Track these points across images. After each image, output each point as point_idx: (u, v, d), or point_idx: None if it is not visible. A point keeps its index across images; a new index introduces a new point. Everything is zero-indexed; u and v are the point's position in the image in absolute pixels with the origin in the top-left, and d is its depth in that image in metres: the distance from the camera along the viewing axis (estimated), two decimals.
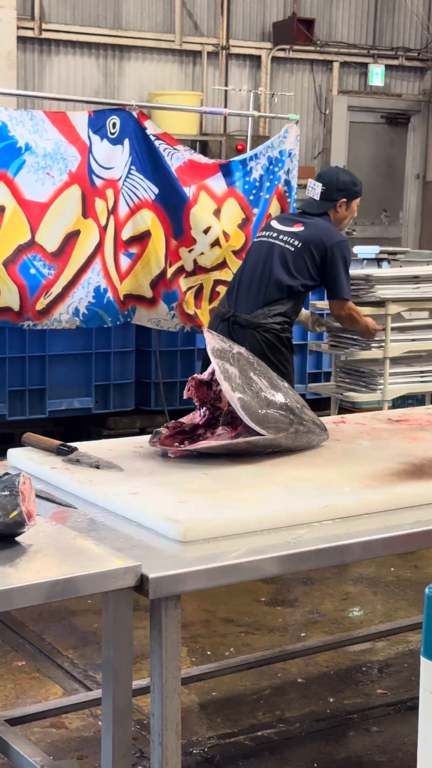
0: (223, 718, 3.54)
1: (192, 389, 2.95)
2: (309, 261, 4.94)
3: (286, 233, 5.01)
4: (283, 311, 4.95)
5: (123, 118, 5.87)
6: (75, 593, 2.08)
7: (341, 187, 5.10)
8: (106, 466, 2.77)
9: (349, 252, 5.09)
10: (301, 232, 5.00)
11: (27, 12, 10.23)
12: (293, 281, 4.94)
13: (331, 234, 5.00)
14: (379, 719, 3.55)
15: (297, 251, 4.95)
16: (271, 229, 5.11)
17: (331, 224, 5.08)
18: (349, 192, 5.13)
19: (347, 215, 5.19)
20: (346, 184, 5.12)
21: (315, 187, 5.11)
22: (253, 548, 2.29)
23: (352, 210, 5.20)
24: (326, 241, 4.95)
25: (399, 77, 12.76)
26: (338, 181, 5.11)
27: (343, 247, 5.01)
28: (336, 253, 4.94)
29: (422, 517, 2.55)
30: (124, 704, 2.22)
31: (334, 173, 5.23)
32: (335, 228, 5.08)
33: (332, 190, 5.09)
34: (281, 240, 5.00)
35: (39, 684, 3.76)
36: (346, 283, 5.04)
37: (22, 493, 2.16)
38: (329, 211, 5.11)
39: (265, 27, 11.68)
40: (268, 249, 5.01)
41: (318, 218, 5.07)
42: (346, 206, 5.13)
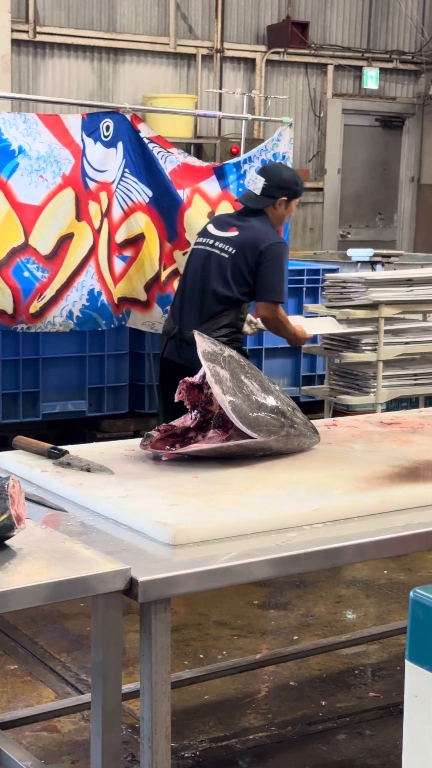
0: (215, 721, 3.54)
1: (183, 392, 2.95)
2: (244, 267, 4.78)
3: (221, 239, 4.86)
4: (227, 322, 4.80)
5: (117, 121, 5.86)
6: (64, 597, 2.08)
7: (283, 185, 4.93)
8: (96, 469, 2.76)
9: (284, 254, 4.90)
10: (235, 237, 4.84)
11: (21, 15, 10.23)
12: (231, 291, 4.78)
13: (266, 236, 4.82)
14: (371, 722, 3.55)
15: (231, 258, 4.79)
16: (207, 235, 4.96)
17: (268, 225, 4.90)
18: (291, 191, 4.96)
19: (285, 214, 5.01)
20: (289, 183, 4.95)
21: (257, 181, 4.95)
22: (243, 551, 2.29)
23: (290, 209, 5.03)
24: (260, 243, 4.77)
25: (393, 80, 12.77)
26: (281, 179, 4.94)
27: (278, 248, 4.83)
28: (269, 255, 4.76)
29: (414, 519, 2.55)
30: (114, 708, 2.22)
31: (278, 170, 5.05)
32: (272, 228, 4.92)
33: (274, 187, 4.90)
34: (217, 248, 4.84)
35: (31, 687, 3.76)
36: (278, 285, 4.84)
37: (12, 497, 2.16)
38: (268, 209, 4.92)
39: (260, 30, 11.69)
40: (204, 258, 4.87)
41: (255, 219, 4.90)
42: (286, 205, 4.94)
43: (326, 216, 12.42)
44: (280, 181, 4.92)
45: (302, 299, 7.24)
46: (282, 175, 4.97)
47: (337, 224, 12.54)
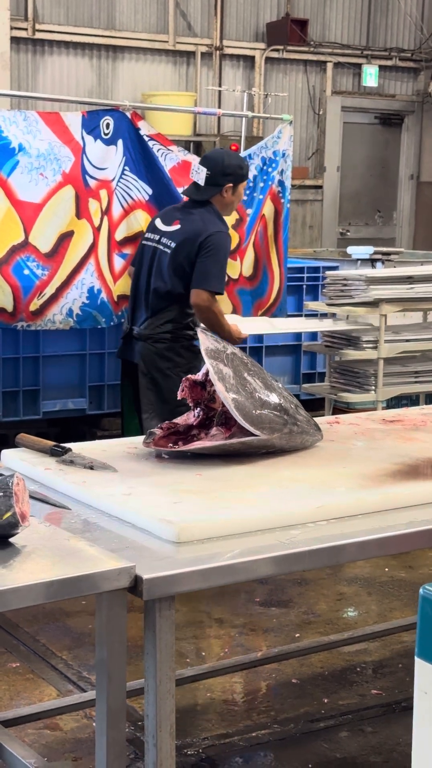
0: (218, 718, 3.54)
1: (186, 390, 2.95)
2: (185, 261, 4.74)
3: (166, 234, 4.84)
4: (171, 318, 4.79)
5: (117, 119, 5.86)
6: (69, 594, 2.08)
7: (228, 171, 4.85)
8: (100, 467, 2.76)
9: (224, 243, 4.80)
10: (177, 231, 4.80)
11: (20, 12, 10.21)
12: (173, 286, 4.77)
13: (208, 225, 4.76)
14: (373, 720, 3.55)
15: (173, 252, 4.76)
16: (154, 231, 4.93)
17: (212, 214, 4.82)
18: (236, 176, 4.88)
19: (234, 200, 4.94)
20: (233, 168, 4.87)
21: (200, 172, 4.88)
22: (247, 549, 2.29)
23: (239, 194, 4.96)
24: (202, 233, 4.72)
25: (393, 78, 12.76)
26: (224, 165, 4.86)
27: (219, 237, 4.75)
28: (207, 244, 4.70)
29: (416, 517, 2.55)
30: (118, 705, 2.21)
31: (220, 156, 4.95)
32: (216, 218, 4.83)
33: (218, 175, 4.84)
34: (162, 243, 4.83)
35: (33, 685, 3.75)
36: (214, 274, 4.73)
37: (16, 494, 2.16)
38: (214, 198, 4.87)
39: (259, 27, 11.67)
40: (150, 255, 4.87)
41: (201, 209, 4.83)
42: (233, 191, 4.88)
43: (325, 213, 12.41)
44: (224, 168, 4.84)
45: (302, 297, 7.24)
46: (224, 161, 4.88)
47: (336, 222, 12.53)
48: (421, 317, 6.60)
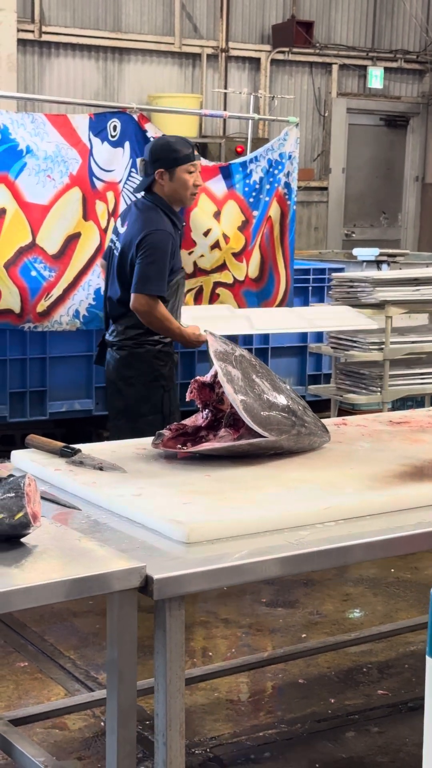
0: (225, 718, 3.56)
1: (195, 391, 2.97)
2: (129, 264, 4.54)
3: (119, 237, 4.68)
4: (130, 324, 4.58)
5: (124, 121, 5.88)
6: (80, 594, 2.10)
7: (155, 157, 4.55)
8: (109, 467, 2.78)
9: (159, 242, 4.47)
10: (123, 234, 4.63)
11: (27, 15, 10.24)
12: (123, 291, 4.58)
13: (145, 225, 4.51)
14: (380, 720, 3.57)
15: (121, 257, 4.58)
16: (115, 233, 4.79)
17: (154, 211, 4.56)
18: (165, 160, 4.53)
19: (176, 187, 4.56)
20: (159, 153, 4.55)
21: (139, 163, 4.67)
22: (256, 549, 2.31)
23: (180, 180, 4.55)
24: (137, 235, 4.50)
25: (398, 80, 12.78)
26: (151, 152, 4.59)
27: (153, 237, 4.46)
28: (143, 245, 4.46)
29: (424, 518, 2.57)
30: (129, 704, 2.23)
31: (151, 143, 4.69)
32: (156, 214, 4.55)
33: (148, 163, 4.58)
34: (116, 247, 4.68)
35: (41, 685, 3.77)
36: (151, 276, 4.45)
37: (28, 495, 2.18)
38: (155, 188, 4.59)
39: (265, 29, 11.69)
40: (110, 260, 4.73)
41: (144, 206, 4.61)
42: (170, 177, 4.53)
43: (331, 215, 12.43)
44: (151, 154, 4.59)
45: (308, 298, 7.25)
46: (153, 147, 4.64)
47: (341, 223, 12.55)
48: (427, 319, 6.61)
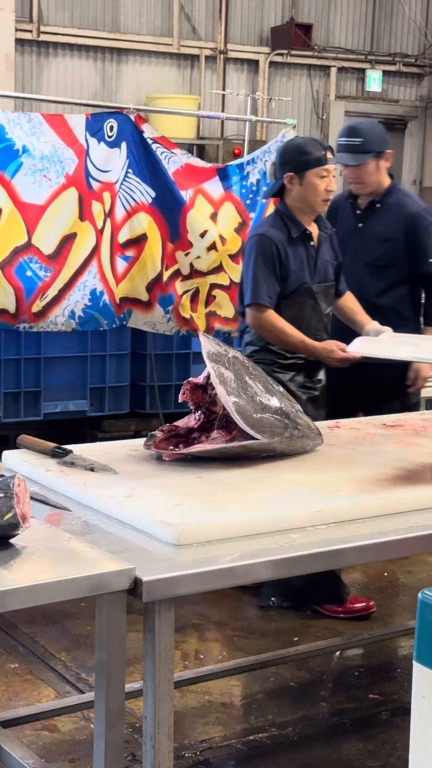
0: (216, 721, 3.54)
1: (187, 393, 2.95)
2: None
3: None
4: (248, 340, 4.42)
5: (120, 122, 5.86)
6: (69, 596, 2.08)
7: (284, 159, 4.33)
8: (100, 468, 2.77)
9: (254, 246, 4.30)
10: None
11: (25, 14, 10.23)
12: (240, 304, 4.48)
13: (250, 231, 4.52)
14: (371, 724, 3.56)
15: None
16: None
17: (270, 216, 4.48)
18: (295, 163, 4.27)
19: (305, 193, 4.27)
20: (291, 154, 4.32)
21: (269, 167, 4.57)
22: (247, 552, 2.30)
23: (310, 185, 4.26)
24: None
25: (396, 83, 12.78)
26: (280, 154, 4.37)
27: (250, 242, 4.35)
28: (245, 250, 4.41)
29: (416, 522, 2.56)
30: (117, 707, 2.22)
31: (282, 145, 4.50)
32: (269, 218, 4.47)
33: (277, 166, 4.38)
34: None
35: (31, 686, 3.76)
36: (249, 284, 4.27)
37: (17, 495, 2.16)
38: (284, 195, 4.37)
39: (263, 32, 11.69)
40: None
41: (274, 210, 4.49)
42: (299, 181, 4.27)
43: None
44: (280, 157, 4.39)
45: None
46: (281, 149, 4.46)
47: None
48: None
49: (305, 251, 4.31)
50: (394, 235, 4.62)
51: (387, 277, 4.65)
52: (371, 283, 4.66)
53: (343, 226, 4.76)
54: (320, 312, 4.33)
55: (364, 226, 4.71)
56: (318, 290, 4.31)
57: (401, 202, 4.68)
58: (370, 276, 4.66)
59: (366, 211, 4.72)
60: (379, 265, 4.65)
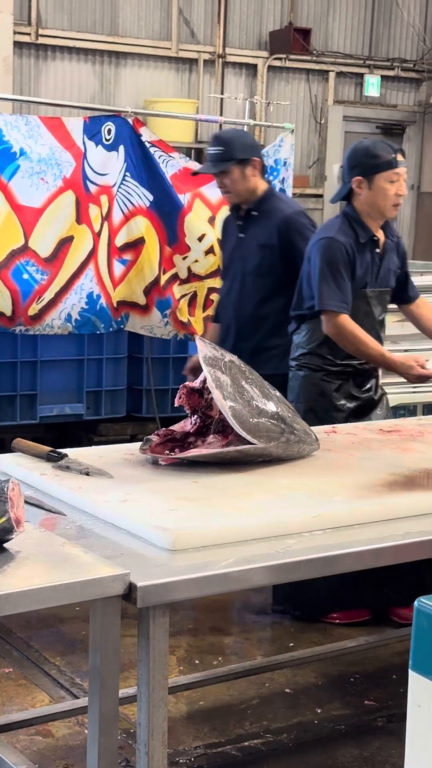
0: (210, 727, 3.53)
1: (183, 397, 2.94)
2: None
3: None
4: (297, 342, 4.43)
5: (118, 125, 5.86)
6: (63, 601, 2.07)
7: (352, 163, 4.21)
8: (96, 473, 2.76)
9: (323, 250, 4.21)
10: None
11: (24, 17, 10.22)
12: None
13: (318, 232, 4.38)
14: (367, 731, 3.54)
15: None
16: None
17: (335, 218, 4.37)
18: (364, 167, 4.18)
19: (374, 197, 4.19)
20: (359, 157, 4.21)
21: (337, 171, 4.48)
22: (242, 557, 2.28)
23: (379, 189, 4.17)
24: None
25: (394, 88, 12.78)
26: (349, 157, 4.25)
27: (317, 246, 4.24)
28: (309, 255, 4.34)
29: (413, 528, 2.55)
30: (111, 713, 2.21)
31: (350, 147, 4.32)
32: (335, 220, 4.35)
33: (346, 170, 4.26)
34: None
35: (25, 691, 3.74)
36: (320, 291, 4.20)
37: (11, 500, 2.15)
38: (353, 199, 4.24)
39: (262, 36, 11.69)
40: None
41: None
42: (368, 185, 4.18)
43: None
44: (348, 160, 4.25)
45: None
46: (350, 152, 4.29)
47: None
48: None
49: (371, 257, 4.23)
50: (270, 242, 4.53)
51: (267, 285, 4.56)
52: (253, 292, 4.59)
53: (229, 238, 4.76)
54: (373, 317, 4.26)
55: (245, 236, 4.64)
56: (372, 295, 4.23)
57: (276, 207, 4.58)
58: (252, 285, 4.59)
59: (245, 221, 4.64)
60: (258, 273, 4.57)
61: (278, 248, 4.53)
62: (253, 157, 4.57)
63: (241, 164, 4.54)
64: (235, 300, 4.65)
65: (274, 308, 4.56)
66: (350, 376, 4.23)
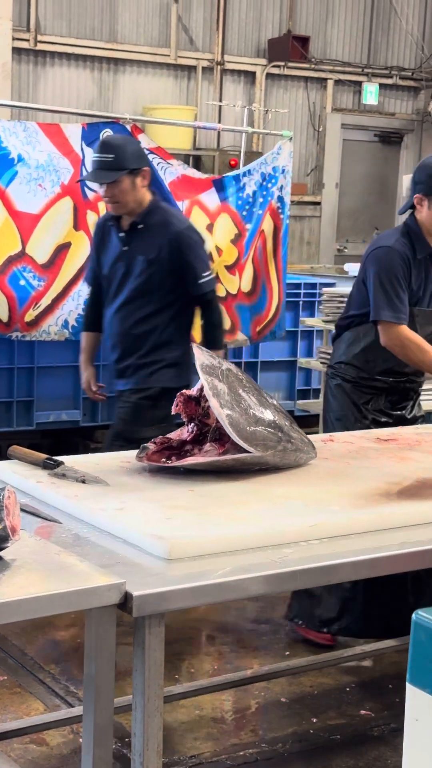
0: (206, 736, 3.51)
1: (180, 405, 2.93)
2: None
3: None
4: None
5: (117, 131, 5.85)
6: (58, 610, 2.06)
7: (415, 179, 4.09)
8: (92, 480, 2.74)
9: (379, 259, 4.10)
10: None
11: (23, 23, 10.23)
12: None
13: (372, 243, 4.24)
14: (362, 741, 3.53)
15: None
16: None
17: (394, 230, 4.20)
18: (424, 185, 4.01)
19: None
20: (420, 174, 4.07)
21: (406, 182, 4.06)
22: (239, 567, 2.27)
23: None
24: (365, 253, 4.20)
25: (393, 96, 12.80)
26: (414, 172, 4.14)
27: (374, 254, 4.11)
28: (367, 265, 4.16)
29: (410, 538, 2.53)
30: (105, 723, 2.19)
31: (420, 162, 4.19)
32: (393, 232, 4.19)
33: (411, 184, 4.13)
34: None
35: (20, 699, 3.72)
36: (377, 301, 4.09)
37: (7, 508, 2.14)
38: (415, 213, 4.09)
39: (261, 43, 11.70)
40: None
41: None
42: (428, 204, 4.02)
43: (323, 230, 12.42)
44: (413, 175, 4.13)
45: (299, 313, 7.23)
46: (416, 167, 4.16)
47: (334, 238, 12.55)
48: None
49: (425, 275, 4.06)
50: (159, 257, 4.39)
51: (155, 301, 4.43)
52: (139, 307, 4.46)
53: (109, 251, 4.55)
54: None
55: (129, 249, 4.46)
56: (419, 314, 4.05)
57: (165, 221, 4.44)
58: (139, 300, 4.45)
59: (129, 233, 4.46)
60: (146, 289, 4.44)
61: (167, 264, 4.39)
62: (144, 167, 4.41)
63: (132, 174, 4.36)
64: (121, 315, 4.49)
65: (160, 322, 4.45)
66: (383, 392, 4.11)
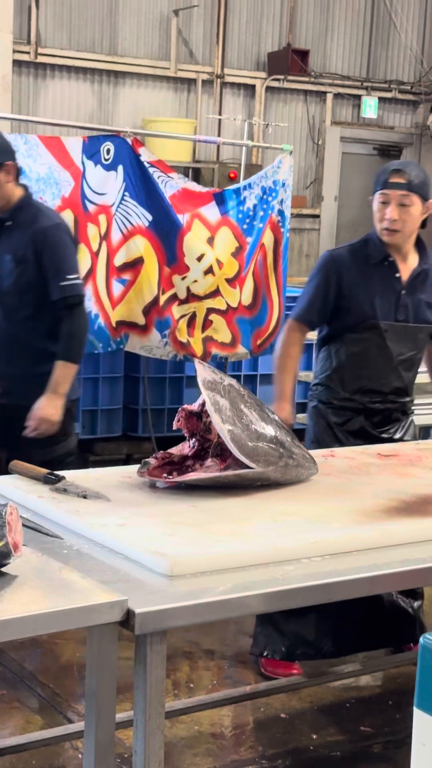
0: (205, 752, 3.50)
1: (182, 420, 2.93)
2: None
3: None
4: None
5: (117, 145, 5.87)
6: (60, 627, 2.05)
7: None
8: (93, 496, 2.74)
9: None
10: None
11: (23, 36, 10.25)
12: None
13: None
14: (362, 757, 3.51)
15: None
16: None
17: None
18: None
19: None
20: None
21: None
22: (240, 584, 2.26)
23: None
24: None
25: (392, 110, 12.82)
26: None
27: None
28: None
29: (411, 555, 2.53)
30: (107, 740, 2.19)
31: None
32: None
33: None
34: None
35: (19, 714, 3.71)
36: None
37: (9, 524, 2.13)
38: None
39: (260, 57, 11.72)
40: None
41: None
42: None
43: (322, 243, 12.43)
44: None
45: None
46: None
47: None
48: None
49: (388, 284, 3.84)
50: (26, 256, 4.07)
51: (28, 304, 4.11)
52: (13, 311, 4.13)
53: None
54: (389, 354, 3.85)
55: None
56: (387, 328, 3.81)
57: (34, 218, 4.12)
58: (10, 303, 4.13)
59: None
60: (16, 290, 4.11)
61: (34, 263, 4.08)
62: (7, 161, 4.11)
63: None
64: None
65: (39, 330, 4.13)
66: (361, 413, 3.92)
